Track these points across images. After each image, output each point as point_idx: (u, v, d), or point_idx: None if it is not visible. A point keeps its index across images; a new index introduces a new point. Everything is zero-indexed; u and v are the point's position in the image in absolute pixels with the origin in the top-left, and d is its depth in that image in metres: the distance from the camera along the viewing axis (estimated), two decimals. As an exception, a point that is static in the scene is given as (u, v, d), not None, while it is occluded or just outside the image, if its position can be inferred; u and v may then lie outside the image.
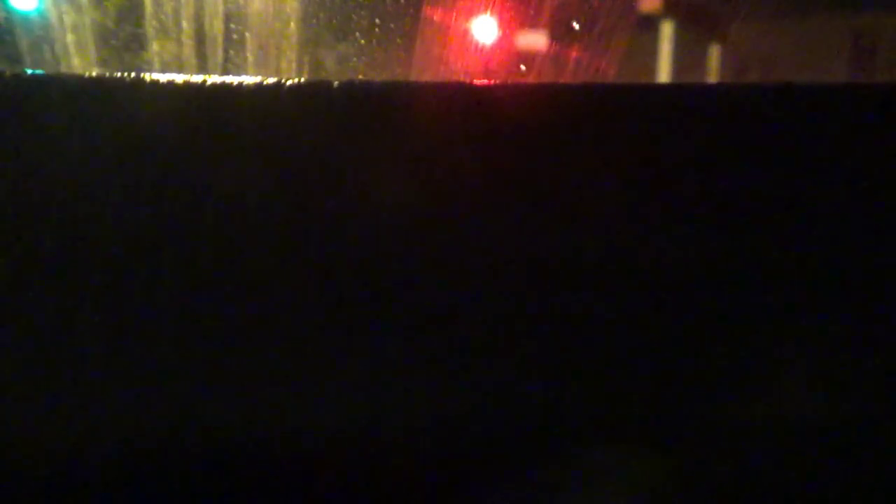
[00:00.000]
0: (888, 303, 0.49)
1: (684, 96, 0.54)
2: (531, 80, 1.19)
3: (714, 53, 1.50)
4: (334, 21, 1.11)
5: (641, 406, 0.49)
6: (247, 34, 1.11)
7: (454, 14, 1.10)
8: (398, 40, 1.08)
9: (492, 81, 0.58)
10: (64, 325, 0.49)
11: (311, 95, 0.52)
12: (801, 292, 0.49)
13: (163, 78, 0.52)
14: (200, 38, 1.10)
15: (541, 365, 0.49)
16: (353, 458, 0.50)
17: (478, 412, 0.49)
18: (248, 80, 0.52)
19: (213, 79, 0.52)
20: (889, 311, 0.49)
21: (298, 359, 0.49)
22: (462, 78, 1.12)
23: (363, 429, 0.49)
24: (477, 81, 0.57)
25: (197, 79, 0.52)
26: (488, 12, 1.14)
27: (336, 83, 0.52)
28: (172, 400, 0.49)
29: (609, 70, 1.11)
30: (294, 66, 1.13)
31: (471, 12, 1.12)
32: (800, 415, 0.49)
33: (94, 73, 0.76)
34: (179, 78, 0.52)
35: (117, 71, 0.54)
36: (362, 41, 1.08)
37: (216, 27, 1.10)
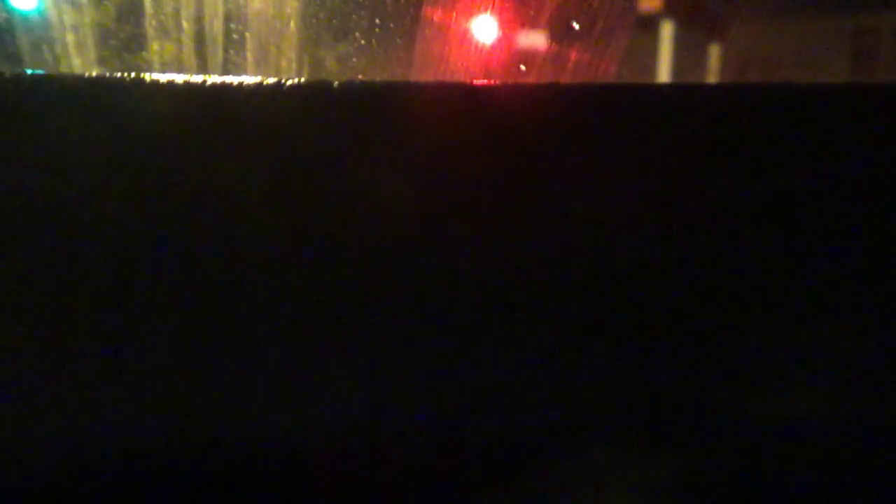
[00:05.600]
0: (890, 302, 0.49)
1: (684, 96, 0.54)
2: (531, 80, 1.19)
3: (714, 53, 1.51)
4: (334, 21, 1.11)
5: (643, 406, 0.49)
6: (247, 34, 1.11)
7: (454, 14, 1.10)
8: (398, 40, 1.08)
9: (492, 81, 0.58)
10: (64, 326, 0.49)
11: (311, 95, 0.52)
12: (802, 292, 0.49)
13: (163, 78, 0.52)
14: (200, 38, 1.10)
15: (542, 364, 0.49)
16: (353, 458, 0.50)
17: (478, 412, 0.49)
18: (248, 80, 0.52)
19: (213, 79, 0.52)
20: (891, 310, 0.49)
21: (299, 358, 0.49)
22: (462, 78, 1.11)
23: (363, 428, 0.49)
24: (477, 81, 0.56)
25: (197, 79, 0.52)
26: (488, 12, 1.14)
27: (336, 83, 0.52)
28: (172, 400, 0.49)
29: (609, 70, 1.11)
30: (294, 66, 1.13)
31: (471, 12, 1.12)
32: (803, 415, 0.49)
33: (94, 73, 0.76)
34: (179, 78, 0.52)
35: (117, 71, 0.53)
36: (362, 41, 1.08)
37: (216, 27, 1.10)
